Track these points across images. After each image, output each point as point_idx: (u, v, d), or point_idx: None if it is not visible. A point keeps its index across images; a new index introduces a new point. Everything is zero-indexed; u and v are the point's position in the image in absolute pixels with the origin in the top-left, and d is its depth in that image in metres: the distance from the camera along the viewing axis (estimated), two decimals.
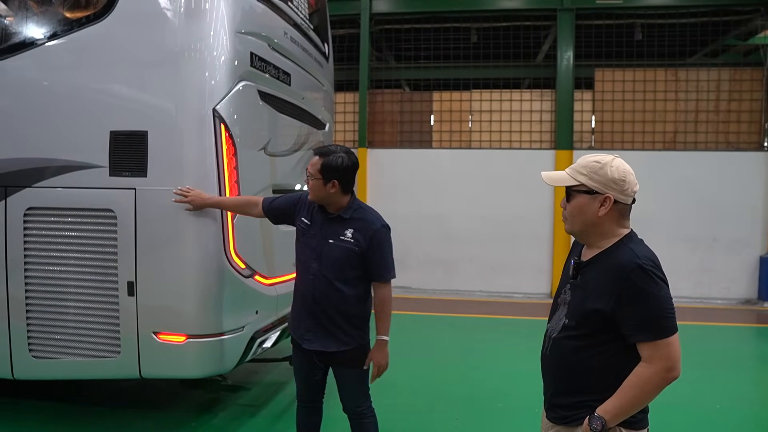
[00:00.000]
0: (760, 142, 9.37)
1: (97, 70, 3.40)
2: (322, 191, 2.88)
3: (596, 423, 1.80)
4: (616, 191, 1.87)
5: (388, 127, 10.19)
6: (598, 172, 1.88)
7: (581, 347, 1.88)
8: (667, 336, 1.79)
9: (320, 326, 2.93)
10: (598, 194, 1.87)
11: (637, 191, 1.93)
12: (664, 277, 1.83)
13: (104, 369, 3.46)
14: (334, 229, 2.90)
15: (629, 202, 1.92)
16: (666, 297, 1.81)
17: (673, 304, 1.82)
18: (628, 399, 1.80)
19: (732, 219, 9.14)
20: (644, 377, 1.78)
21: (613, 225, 1.91)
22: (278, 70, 3.95)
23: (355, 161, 2.98)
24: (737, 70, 9.44)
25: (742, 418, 4.49)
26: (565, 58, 9.40)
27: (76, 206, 3.40)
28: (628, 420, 1.84)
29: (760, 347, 7.15)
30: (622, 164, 1.91)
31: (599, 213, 1.88)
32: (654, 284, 1.79)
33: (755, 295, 9.14)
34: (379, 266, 2.92)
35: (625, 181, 1.88)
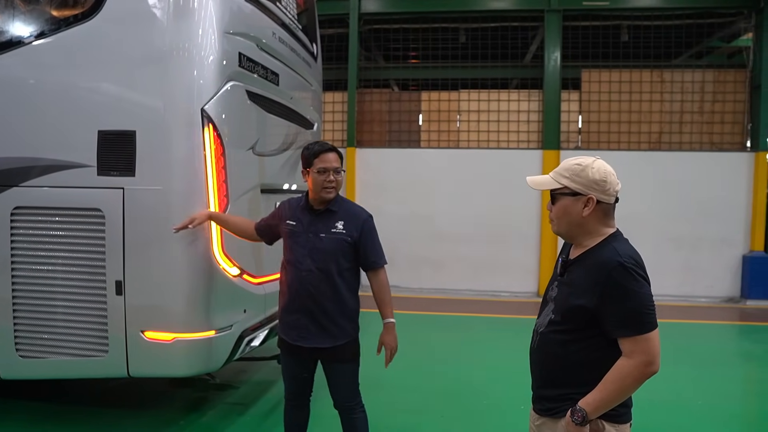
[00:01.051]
0: (743, 143, 9.51)
1: (85, 70, 3.40)
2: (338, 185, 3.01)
3: (577, 415, 1.85)
4: (598, 192, 1.93)
5: (377, 127, 10.22)
6: (580, 174, 1.94)
7: (566, 342, 1.94)
8: (646, 332, 1.84)
9: (315, 323, 2.97)
10: (581, 196, 1.94)
11: (619, 190, 1.99)
12: (645, 276, 1.88)
13: (92, 368, 3.47)
14: (324, 224, 2.98)
15: (612, 202, 1.98)
16: (646, 294, 1.86)
17: (653, 302, 1.88)
18: (608, 392, 1.85)
19: (716, 218, 9.28)
20: (624, 371, 1.84)
21: (598, 224, 1.97)
22: (267, 71, 3.97)
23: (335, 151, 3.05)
24: (721, 71, 9.58)
25: (724, 413, 4.57)
26: (553, 59, 9.48)
27: (63, 205, 3.41)
28: (610, 414, 1.89)
29: (741, 345, 7.28)
30: (603, 165, 1.97)
31: (583, 213, 1.94)
32: (635, 282, 1.84)
33: (738, 294, 9.28)
34: (372, 253, 3.03)
35: (606, 181, 1.94)
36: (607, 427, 1.90)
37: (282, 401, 3.24)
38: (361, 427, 3.16)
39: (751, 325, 8.09)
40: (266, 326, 4.03)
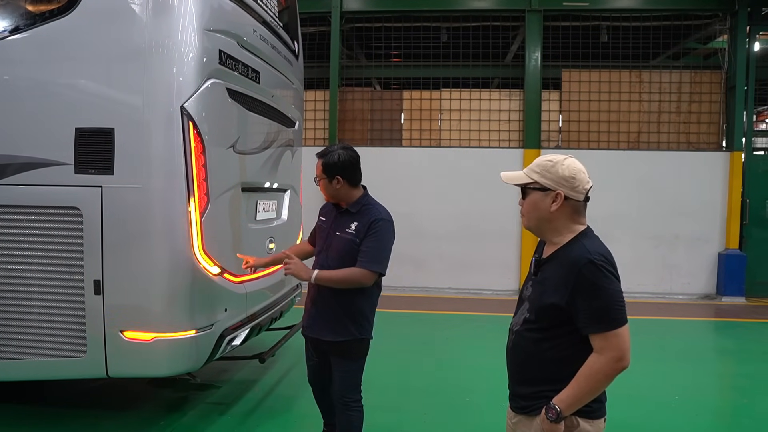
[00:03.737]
0: (719, 143, 9.68)
1: (62, 66, 3.35)
2: (330, 189, 3.10)
3: (551, 412, 1.88)
4: (567, 188, 1.97)
5: (359, 125, 10.21)
6: (550, 170, 1.98)
7: (540, 340, 1.98)
8: (616, 328, 1.85)
9: (320, 315, 3.08)
10: (550, 191, 1.98)
11: (589, 189, 2.01)
12: (615, 272, 1.90)
13: (70, 369, 3.42)
14: (342, 222, 3.09)
15: (581, 199, 2.00)
16: (616, 291, 1.88)
17: (623, 298, 1.89)
18: (581, 388, 1.87)
19: (692, 217, 9.43)
20: (595, 367, 1.86)
21: (567, 221, 2.00)
22: (247, 68, 3.94)
23: (352, 155, 3.13)
24: (697, 72, 9.74)
25: (699, 408, 4.67)
26: (533, 59, 9.55)
27: (40, 204, 3.36)
28: (584, 410, 1.91)
29: (717, 340, 7.42)
30: (573, 163, 2.00)
31: (551, 208, 1.98)
32: (604, 278, 1.87)
33: (714, 291, 9.46)
34: (365, 254, 2.97)
35: (575, 178, 1.97)
36: (582, 423, 1.93)
37: (265, 399, 3.25)
38: (355, 423, 3.19)
39: (726, 321, 8.24)
40: (247, 325, 4.00)
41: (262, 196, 4.46)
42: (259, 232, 4.35)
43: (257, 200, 4.37)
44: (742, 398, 5.06)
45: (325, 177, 3.09)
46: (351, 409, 3.17)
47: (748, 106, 9.47)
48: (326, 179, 3.09)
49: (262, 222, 4.46)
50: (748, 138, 9.60)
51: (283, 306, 4.82)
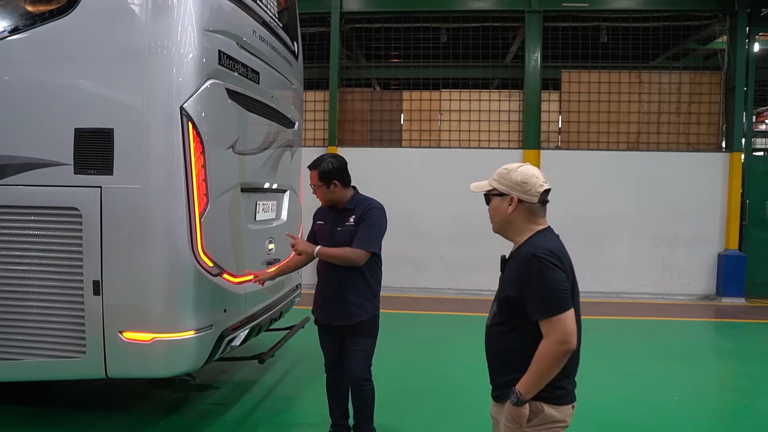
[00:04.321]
0: (719, 143, 9.68)
1: (61, 66, 3.35)
2: (329, 194, 3.47)
3: (513, 396, 2.06)
4: (520, 192, 2.17)
5: (358, 126, 10.21)
6: (506, 177, 2.21)
7: (503, 332, 2.18)
8: (558, 313, 2.00)
9: (338, 303, 3.44)
10: (506, 195, 2.19)
11: (544, 191, 2.18)
12: (558, 263, 2.06)
13: (69, 369, 3.42)
14: (340, 219, 3.47)
15: (535, 201, 2.17)
16: (557, 280, 2.04)
17: (566, 287, 2.05)
18: (535, 372, 2.03)
19: (692, 217, 9.43)
20: (543, 351, 2.02)
21: (524, 221, 2.20)
22: (247, 69, 3.94)
23: (342, 160, 3.51)
24: (697, 73, 9.74)
25: (699, 409, 4.67)
26: (533, 59, 9.56)
27: (39, 204, 3.36)
28: (549, 396, 2.07)
29: (716, 341, 7.42)
30: (527, 169, 2.20)
31: (508, 211, 2.19)
32: (546, 269, 2.04)
33: (714, 291, 9.46)
34: (358, 238, 3.35)
35: (527, 182, 2.17)
36: (547, 408, 2.07)
37: (265, 399, 3.26)
38: (369, 400, 3.56)
39: (725, 321, 8.24)
40: (247, 326, 4.00)
41: (261, 196, 4.46)
42: (258, 233, 4.35)
43: (257, 201, 4.37)
44: (741, 399, 5.06)
45: (323, 184, 3.44)
46: (365, 388, 3.52)
47: (747, 107, 9.48)
48: (324, 186, 3.45)
49: (261, 222, 4.46)
50: (747, 139, 9.61)
51: (283, 306, 4.82)
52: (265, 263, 4.42)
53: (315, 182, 3.47)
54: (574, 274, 2.16)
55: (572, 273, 2.15)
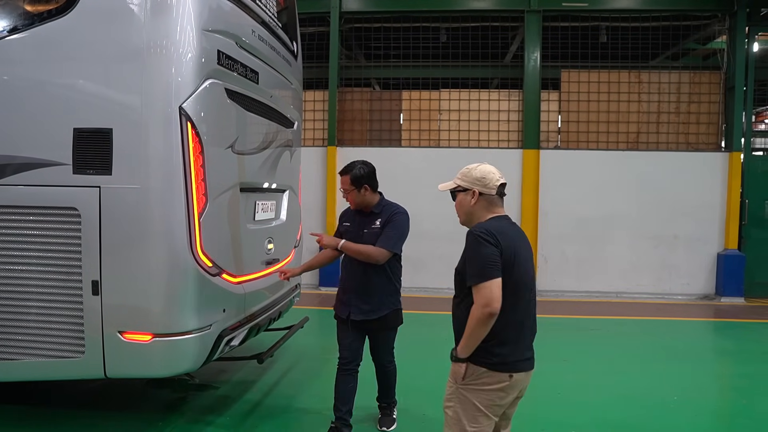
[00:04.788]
0: (718, 143, 9.68)
1: (60, 66, 3.35)
2: (359, 197, 3.73)
3: (451, 354, 2.47)
4: (480, 186, 2.54)
5: (358, 126, 10.21)
6: (467, 174, 2.58)
7: (458, 303, 2.53)
8: (484, 281, 2.31)
9: (363, 300, 3.71)
10: (468, 190, 2.55)
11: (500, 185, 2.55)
12: (491, 240, 2.36)
13: (68, 369, 3.42)
14: (368, 222, 3.75)
15: (493, 193, 2.54)
16: (486, 253, 2.34)
17: (494, 259, 2.34)
18: (467, 332, 2.36)
19: (691, 217, 9.44)
20: (471, 313, 2.34)
21: (484, 211, 2.55)
22: (246, 69, 3.94)
23: (371, 167, 3.80)
24: (696, 73, 9.74)
25: (698, 408, 4.66)
26: (532, 59, 9.55)
27: (38, 204, 3.35)
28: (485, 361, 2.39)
29: (716, 341, 7.42)
30: (485, 167, 2.58)
31: (471, 203, 2.55)
32: (479, 244, 2.36)
33: (713, 291, 9.46)
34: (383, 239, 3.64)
35: (485, 178, 2.54)
36: (481, 370, 2.40)
37: (264, 399, 3.25)
38: (392, 378, 4.08)
39: (725, 321, 8.24)
40: (246, 326, 4.00)
41: (260, 196, 4.45)
42: (257, 233, 4.35)
43: (256, 200, 4.36)
44: (741, 399, 5.06)
45: (354, 188, 3.70)
46: (388, 369, 4.02)
47: (747, 107, 9.48)
48: (355, 190, 3.70)
49: (260, 222, 4.45)
50: (747, 138, 9.61)
51: (282, 306, 4.82)
52: (265, 263, 4.42)
53: (347, 186, 3.70)
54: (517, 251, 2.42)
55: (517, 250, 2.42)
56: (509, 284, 2.35)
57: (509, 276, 2.36)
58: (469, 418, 2.40)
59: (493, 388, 2.38)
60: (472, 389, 2.40)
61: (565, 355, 6.02)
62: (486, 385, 2.38)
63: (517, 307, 2.40)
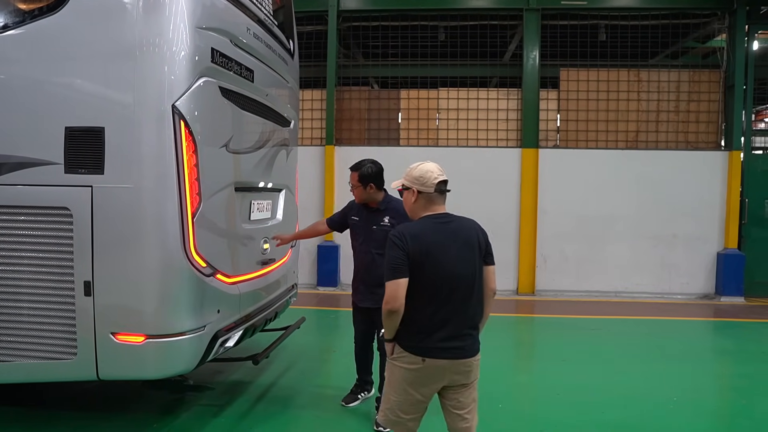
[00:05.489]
0: (718, 142, 9.65)
1: (51, 64, 3.30)
2: (364, 194, 4.02)
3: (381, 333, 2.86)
4: (418, 185, 2.71)
5: (356, 125, 10.16)
6: (409, 174, 2.76)
7: None
8: (388, 280, 2.57)
9: (369, 289, 3.98)
10: (410, 189, 2.73)
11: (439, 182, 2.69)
12: (399, 243, 2.58)
13: (60, 371, 3.38)
14: (375, 218, 4.00)
15: (432, 191, 2.69)
16: (393, 256, 2.57)
17: (400, 261, 2.55)
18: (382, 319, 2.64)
19: (691, 216, 9.40)
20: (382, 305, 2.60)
21: (423, 209, 2.74)
22: (241, 67, 3.89)
23: (380, 167, 4.07)
24: (696, 71, 9.70)
25: (698, 409, 4.63)
26: (531, 58, 9.51)
27: (29, 204, 3.31)
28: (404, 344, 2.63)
29: (716, 341, 7.38)
30: (424, 166, 2.74)
31: (412, 201, 2.75)
32: (389, 247, 2.61)
33: (713, 290, 9.42)
34: None
35: (423, 177, 2.70)
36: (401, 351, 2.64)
37: (259, 401, 3.22)
38: None
39: (725, 321, 8.21)
40: (241, 327, 3.96)
41: (256, 196, 4.42)
42: (253, 233, 4.31)
43: (251, 200, 4.33)
44: (741, 399, 5.02)
45: (361, 185, 3.99)
46: None
47: (746, 105, 9.43)
48: (361, 186, 3.99)
49: (256, 222, 4.41)
50: (746, 137, 9.56)
51: (278, 307, 4.78)
52: (260, 263, 4.38)
53: (354, 182, 4.00)
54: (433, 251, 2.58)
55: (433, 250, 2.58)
56: (422, 282, 2.57)
57: (421, 275, 2.56)
58: (394, 388, 2.69)
59: (410, 367, 2.63)
60: (396, 364, 2.69)
61: (564, 355, 5.98)
62: (405, 364, 2.64)
63: (435, 301, 2.59)
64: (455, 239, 2.66)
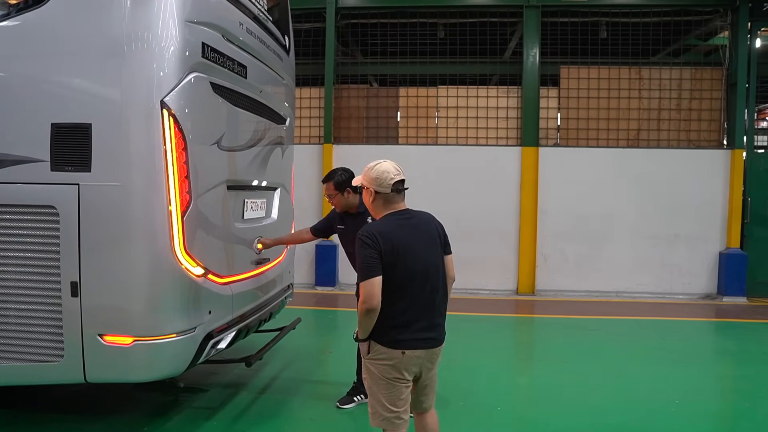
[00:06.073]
0: (720, 140, 9.56)
1: (36, 59, 3.20)
2: (343, 200, 4.16)
3: (354, 335, 2.82)
4: (375, 185, 2.79)
5: (354, 123, 10.08)
6: (366, 174, 2.84)
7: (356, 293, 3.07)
8: (363, 280, 2.63)
9: None
10: (368, 188, 2.82)
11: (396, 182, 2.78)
12: (371, 242, 2.65)
13: (46, 374, 3.29)
14: (359, 222, 3.89)
15: (388, 191, 2.78)
16: (366, 255, 2.64)
17: (372, 261, 2.62)
18: (358, 320, 2.71)
19: (693, 215, 9.32)
20: (358, 306, 2.69)
21: (382, 208, 2.83)
22: (233, 62, 3.80)
23: (351, 172, 4.17)
24: (698, 69, 9.61)
25: (700, 412, 4.54)
26: (531, 55, 9.43)
27: (15, 202, 3.22)
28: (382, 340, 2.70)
29: (718, 341, 7.29)
30: (381, 167, 2.81)
31: (369, 200, 2.85)
32: (360, 246, 2.67)
33: (715, 290, 9.34)
34: None
35: (379, 178, 2.78)
36: (378, 347, 2.72)
37: (253, 404, 3.12)
38: None
39: (727, 321, 8.12)
40: (234, 328, 3.87)
41: (249, 194, 4.33)
42: (246, 232, 4.23)
43: (245, 198, 4.24)
44: (743, 401, 4.94)
45: (338, 193, 4.12)
46: None
47: (749, 104, 9.34)
48: (340, 194, 4.12)
49: (250, 221, 4.33)
50: (749, 136, 9.47)
51: (273, 307, 4.69)
52: (254, 263, 4.30)
53: (331, 192, 4.13)
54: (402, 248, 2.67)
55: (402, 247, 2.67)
56: (395, 278, 2.64)
57: (393, 271, 2.64)
58: (376, 385, 2.76)
59: (389, 363, 2.71)
60: (374, 362, 2.74)
61: (564, 357, 5.90)
62: (383, 360, 2.72)
63: (408, 295, 2.69)
64: (419, 234, 2.78)
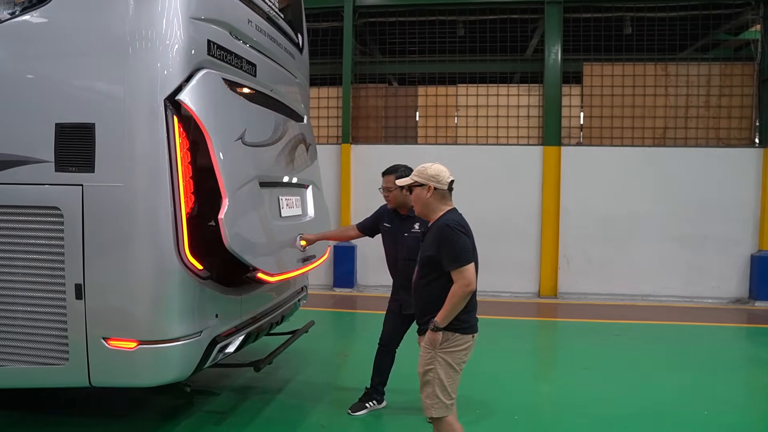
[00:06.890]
0: (751, 139, 9.23)
1: (40, 59, 3.17)
2: (400, 197, 4.10)
3: (432, 325, 2.92)
4: (434, 182, 3.05)
5: (372, 123, 9.98)
6: (423, 172, 3.07)
7: (425, 284, 3.05)
8: (463, 265, 2.87)
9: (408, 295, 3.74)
10: (425, 186, 3.05)
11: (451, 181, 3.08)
12: (464, 230, 2.95)
13: (51, 377, 3.25)
14: (406, 225, 4.13)
15: (445, 188, 3.06)
16: (461, 242, 2.90)
17: (469, 248, 2.92)
18: (448, 306, 2.87)
19: (722, 217, 9.00)
20: (453, 291, 2.87)
21: (438, 203, 3.08)
22: (241, 60, 3.72)
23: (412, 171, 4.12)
24: (728, 65, 9.29)
25: (730, 425, 4.30)
26: (553, 53, 9.21)
27: (18, 204, 3.18)
28: (457, 327, 2.92)
29: (750, 349, 6.98)
30: (438, 166, 3.10)
31: (427, 196, 3.06)
32: (455, 234, 2.91)
33: (746, 294, 9.00)
34: None
35: (438, 176, 3.05)
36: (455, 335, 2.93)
37: (265, 408, 3.29)
38: None
39: (759, 327, 7.81)
40: (243, 331, 3.79)
41: (283, 191, 4.32)
42: (285, 230, 4.22)
43: (279, 196, 4.22)
44: None
45: (398, 188, 3.98)
46: None
47: None
48: (398, 190, 4.00)
49: (288, 219, 4.32)
50: None
51: (285, 310, 4.61)
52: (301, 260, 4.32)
53: (391, 184, 4.09)
54: (473, 240, 2.99)
55: (472, 239, 2.99)
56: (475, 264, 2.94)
57: (475, 259, 2.94)
58: (447, 376, 2.94)
59: (462, 348, 2.96)
60: (448, 351, 2.94)
61: (586, 363, 5.69)
62: (458, 347, 2.95)
63: (477, 282, 2.94)
64: None
